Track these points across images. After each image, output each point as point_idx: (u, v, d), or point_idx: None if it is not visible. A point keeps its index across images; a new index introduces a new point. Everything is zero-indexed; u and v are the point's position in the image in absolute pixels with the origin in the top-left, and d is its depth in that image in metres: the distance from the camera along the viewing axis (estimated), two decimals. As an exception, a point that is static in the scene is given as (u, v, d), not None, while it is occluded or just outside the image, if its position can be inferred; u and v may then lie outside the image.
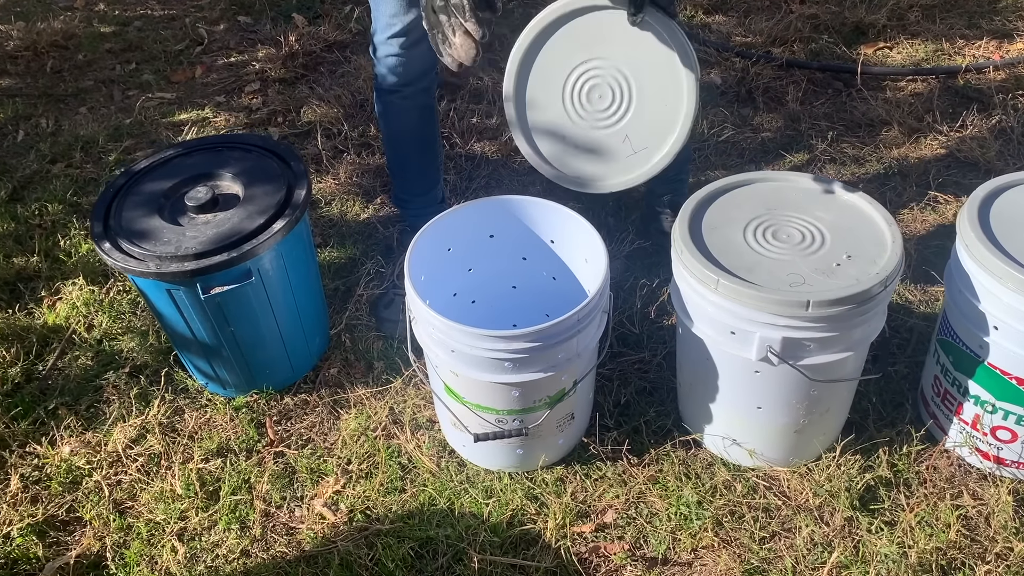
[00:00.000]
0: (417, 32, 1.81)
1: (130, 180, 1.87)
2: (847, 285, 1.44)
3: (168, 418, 1.94)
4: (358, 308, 2.15)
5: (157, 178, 1.87)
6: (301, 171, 1.85)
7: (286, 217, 1.75)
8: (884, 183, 2.37)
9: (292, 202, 1.79)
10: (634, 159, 1.73)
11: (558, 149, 1.74)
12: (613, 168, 1.74)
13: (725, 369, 1.60)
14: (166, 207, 1.81)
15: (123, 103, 3.05)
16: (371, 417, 1.90)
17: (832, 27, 2.99)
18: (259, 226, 1.73)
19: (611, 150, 1.72)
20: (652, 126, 1.69)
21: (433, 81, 1.97)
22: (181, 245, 1.70)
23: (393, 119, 1.99)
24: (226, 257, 1.67)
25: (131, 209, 1.80)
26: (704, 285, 1.50)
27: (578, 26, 1.64)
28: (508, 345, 1.49)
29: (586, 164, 1.74)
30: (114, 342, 2.13)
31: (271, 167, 1.87)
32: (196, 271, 1.66)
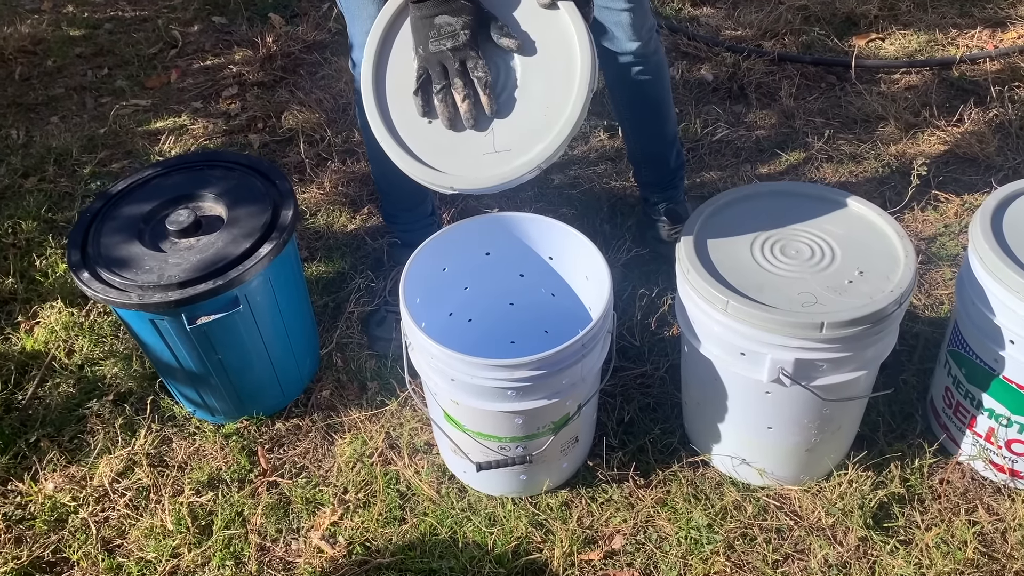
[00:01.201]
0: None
1: (107, 203, 1.79)
2: (861, 304, 1.39)
3: (155, 448, 1.87)
4: (349, 326, 2.08)
5: (135, 200, 1.79)
6: (287, 190, 1.78)
7: (273, 240, 1.68)
8: (883, 182, 2.32)
9: (279, 224, 1.71)
10: (491, 159, 1.42)
11: (409, 120, 1.47)
12: (464, 162, 1.43)
13: (734, 390, 1.55)
14: (146, 232, 1.73)
15: (96, 111, 2.95)
16: (367, 442, 1.84)
17: (823, 18, 2.93)
18: (245, 251, 1.66)
19: (469, 141, 1.43)
20: (524, 127, 1.42)
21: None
22: (164, 273, 1.63)
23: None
24: (212, 285, 1.60)
25: (110, 235, 1.72)
26: (712, 306, 1.45)
27: None
28: (511, 374, 1.44)
29: (435, 148, 1.45)
30: (96, 367, 2.05)
31: (255, 186, 1.79)
32: (181, 301, 1.59)
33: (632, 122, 2.02)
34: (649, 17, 1.80)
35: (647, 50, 1.81)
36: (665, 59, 1.92)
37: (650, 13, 1.81)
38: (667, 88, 1.93)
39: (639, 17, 1.75)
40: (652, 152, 2.02)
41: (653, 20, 1.83)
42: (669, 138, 2.00)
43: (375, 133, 1.49)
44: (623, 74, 1.89)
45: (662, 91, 1.90)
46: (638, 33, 1.77)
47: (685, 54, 2.84)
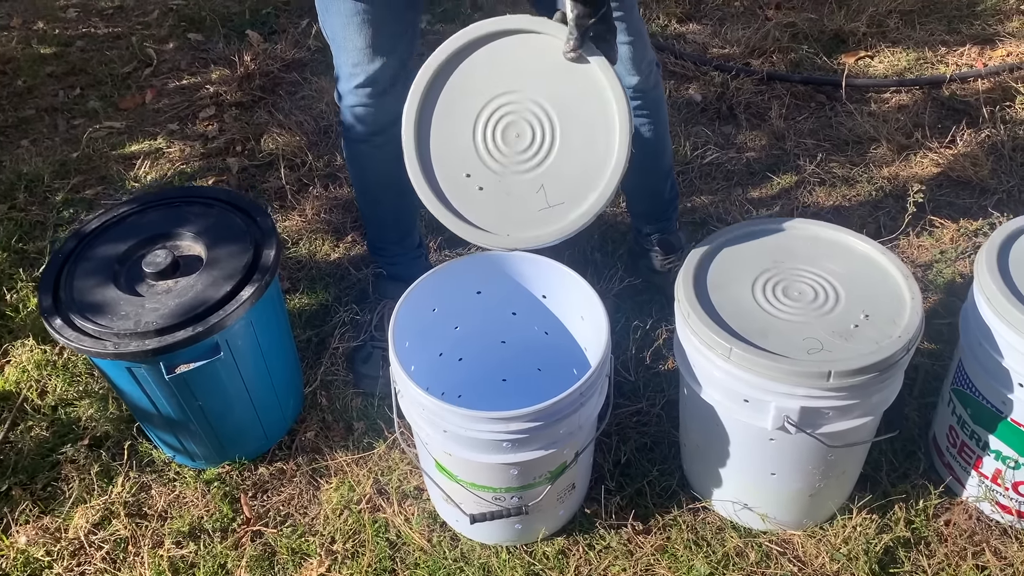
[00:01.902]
0: (385, 80, 1.68)
1: (81, 243, 1.71)
2: (868, 351, 1.35)
3: (134, 496, 1.80)
4: (334, 362, 2.01)
5: (110, 240, 1.72)
6: (269, 228, 1.71)
7: (255, 282, 1.61)
8: (877, 206, 2.28)
9: (261, 264, 1.65)
10: (547, 214, 1.48)
11: (460, 189, 1.50)
12: (521, 221, 1.49)
13: (736, 436, 1.50)
14: (122, 274, 1.66)
15: (68, 134, 2.86)
16: (354, 487, 1.77)
17: (811, 35, 2.90)
18: (226, 294, 1.59)
19: (522, 200, 1.48)
20: (574, 178, 1.46)
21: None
22: (140, 319, 1.56)
23: (364, 168, 1.85)
24: (191, 332, 1.53)
25: (83, 278, 1.65)
26: (714, 352, 1.40)
27: (499, 49, 1.43)
28: (506, 426, 1.38)
29: (490, 212, 1.49)
30: (71, 409, 1.97)
31: (235, 224, 1.72)
32: (159, 349, 1.52)
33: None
34: (649, 51, 1.75)
35: (646, 85, 1.76)
36: (664, 93, 1.87)
37: (650, 47, 1.76)
38: (665, 123, 1.88)
39: (639, 51, 1.70)
40: (646, 185, 1.97)
41: (653, 54, 1.78)
42: (664, 171, 1.95)
43: (425, 203, 1.52)
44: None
45: (660, 127, 1.85)
46: (637, 67, 1.72)
47: (673, 73, 2.80)
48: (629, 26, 1.68)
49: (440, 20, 3.19)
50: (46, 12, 3.54)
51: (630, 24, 1.68)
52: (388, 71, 1.67)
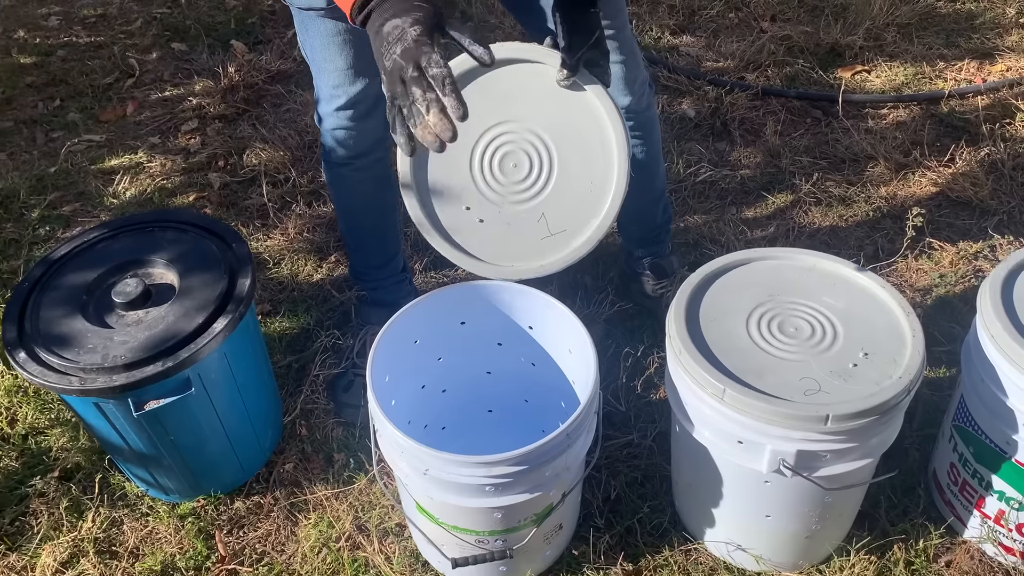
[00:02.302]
0: (367, 102, 1.61)
1: (48, 271, 1.64)
2: (868, 393, 1.29)
3: (104, 532, 1.73)
4: (314, 390, 1.95)
5: (79, 267, 1.65)
6: (244, 255, 1.65)
7: (229, 313, 1.55)
8: (875, 227, 2.23)
9: (235, 294, 1.58)
10: (549, 243, 1.46)
11: (461, 223, 1.47)
12: (523, 251, 1.46)
13: (730, 477, 1.44)
14: (90, 304, 1.59)
15: (47, 147, 2.79)
16: (333, 524, 1.71)
17: (807, 49, 2.84)
18: (198, 326, 1.52)
19: (523, 230, 1.46)
20: (574, 206, 1.44)
21: (387, 149, 1.77)
22: (108, 353, 1.49)
23: (345, 192, 1.79)
24: (161, 367, 1.47)
25: (50, 308, 1.58)
26: (707, 392, 1.34)
27: (492, 80, 1.39)
28: (489, 471, 1.31)
29: (492, 243, 1.47)
30: (42, 438, 1.90)
31: (210, 251, 1.66)
32: (127, 385, 1.45)
33: None
34: (641, 70, 1.69)
35: (639, 106, 1.70)
36: (657, 113, 1.81)
37: (643, 66, 1.70)
38: (658, 144, 1.81)
39: (631, 70, 1.64)
40: (637, 209, 1.90)
41: (646, 73, 1.72)
42: (656, 194, 1.89)
43: (428, 240, 1.48)
44: None
45: (652, 148, 1.79)
46: (629, 88, 1.66)
47: (666, 87, 2.74)
48: (621, 45, 1.62)
49: (429, 31, 3.12)
50: (27, 20, 3.47)
51: (622, 43, 1.62)
52: (370, 93, 1.61)
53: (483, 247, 1.48)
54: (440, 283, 2.18)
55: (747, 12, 3.09)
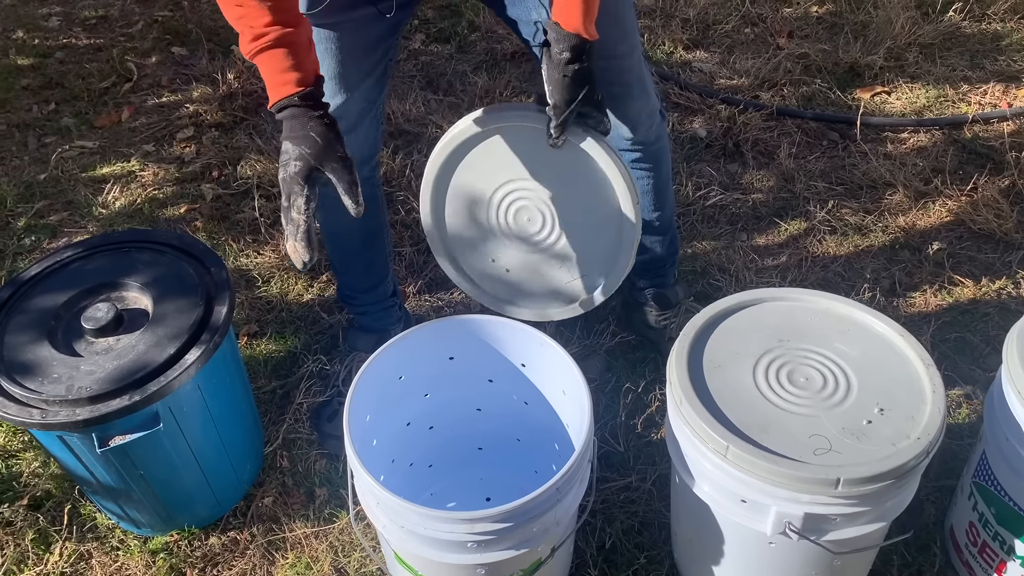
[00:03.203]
0: (351, 116, 1.52)
1: (16, 292, 1.56)
2: (883, 456, 1.18)
3: (71, 566, 1.64)
4: (297, 418, 1.86)
5: (50, 289, 1.57)
6: (223, 279, 1.56)
7: (203, 343, 1.46)
8: (892, 259, 2.12)
9: (211, 323, 1.49)
10: (576, 285, 1.56)
11: (491, 275, 1.59)
12: (552, 297, 1.57)
13: (732, 536, 1.34)
14: (59, 329, 1.51)
15: (38, 153, 2.71)
16: (311, 565, 1.61)
17: (825, 68, 2.74)
18: (169, 357, 1.43)
19: (549, 276, 1.56)
20: (593, 249, 1.51)
21: (375, 169, 1.68)
22: (74, 384, 1.40)
23: (329, 215, 1.70)
24: (127, 401, 1.38)
25: (16, 333, 1.49)
26: (709, 447, 1.24)
27: (496, 143, 1.43)
28: (471, 527, 1.22)
29: (523, 292, 1.58)
30: (12, 463, 1.82)
31: (187, 274, 1.57)
32: (90, 420, 1.37)
33: None
34: (651, 99, 1.59)
35: (647, 138, 1.60)
36: (668, 145, 1.70)
37: (654, 94, 1.60)
38: (667, 176, 1.72)
39: (639, 101, 1.55)
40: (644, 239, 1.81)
41: (656, 102, 1.62)
42: (662, 226, 1.79)
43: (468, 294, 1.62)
44: None
45: (660, 180, 1.69)
46: (636, 118, 1.57)
47: (676, 105, 2.64)
48: (628, 72, 1.52)
49: (435, 40, 3.04)
50: (27, 20, 3.40)
51: (629, 70, 1.52)
52: (352, 108, 1.52)
53: (515, 295, 1.59)
54: (434, 306, 2.09)
55: (763, 28, 2.99)
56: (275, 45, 1.22)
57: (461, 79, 2.83)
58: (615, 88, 1.52)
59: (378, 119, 1.61)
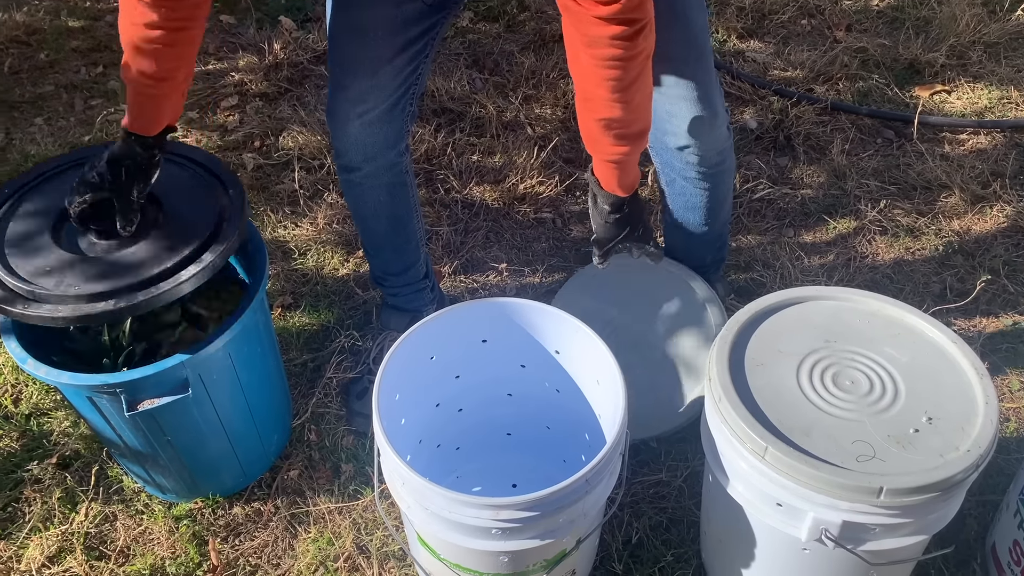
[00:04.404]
0: (377, 99, 1.49)
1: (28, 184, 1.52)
2: (929, 467, 1.13)
3: (96, 527, 1.65)
4: (327, 393, 1.84)
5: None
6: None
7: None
8: (944, 264, 2.05)
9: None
10: (662, 406, 1.70)
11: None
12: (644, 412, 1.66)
13: (764, 539, 1.30)
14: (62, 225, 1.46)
15: (84, 115, 2.72)
16: (333, 541, 1.60)
17: (883, 63, 2.65)
18: (167, 268, 1.39)
19: (642, 394, 1.67)
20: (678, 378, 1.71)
21: (402, 155, 1.62)
22: (63, 280, 1.37)
23: (357, 199, 1.67)
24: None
25: (21, 221, 1.46)
26: (746, 447, 1.19)
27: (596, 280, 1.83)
28: (496, 514, 1.19)
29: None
30: (44, 421, 1.83)
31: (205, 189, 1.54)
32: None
33: (672, 214, 1.76)
34: (719, 115, 1.52)
35: (703, 152, 1.56)
36: (732, 166, 1.66)
37: (721, 109, 1.53)
38: (723, 196, 1.68)
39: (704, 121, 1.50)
40: (689, 246, 1.78)
41: (721, 119, 1.54)
42: (711, 237, 1.74)
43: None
44: (670, 170, 1.65)
45: (713, 199, 1.65)
46: (700, 138, 1.53)
47: (728, 95, 2.57)
48: (688, 78, 1.46)
49: (484, 18, 3.00)
50: (80, -18, 3.41)
51: (690, 76, 1.46)
52: (378, 93, 1.49)
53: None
54: (469, 288, 2.06)
55: (821, 20, 2.90)
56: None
57: (508, 59, 2.79)
58: (676, 91, 1.46)
59: (407, 107, 1.56)
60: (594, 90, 1.19)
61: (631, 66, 1.15)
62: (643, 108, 1.24)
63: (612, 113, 1.21)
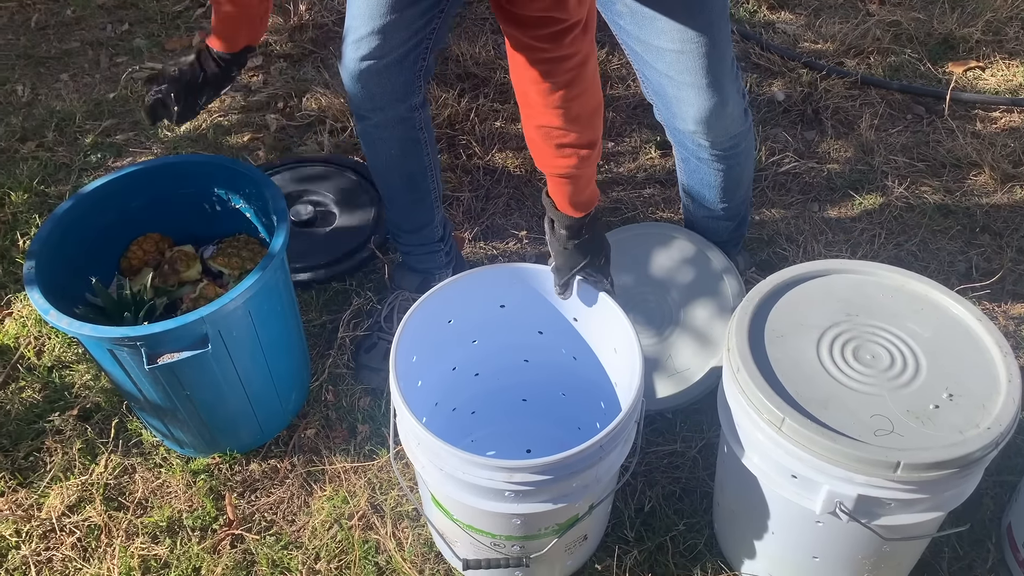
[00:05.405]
0: (384, 48, 1.48)
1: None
2: (948, 443, 1.12)
3: (115, 479, 1.67)
4: (344, 352, 1.85)
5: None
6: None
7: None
8: (971, 243, 2.02)
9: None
10: (678, 377, 1.68)
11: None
12: (660, 383, 1.68)
13: (778, 511, 1.29)
14: (115, 244, 1.51)
15: (109, 72, 2.72)
16: (348, 500, 1.62)
17: (916, 38, 2.60)
18: (222, 279, 1.42)
19: (658, 365, 1.70)
20: (693, 349, 1.71)
21: (415, 110, 1.60)
22: (126, 299, 1.40)
23: (370, 149, 1.66)
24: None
25: (74, 243, 1.50)
26: (763, 418, 1.19)
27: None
28: (509, 476, 1.19)
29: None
30: (66, 373, 1.85)
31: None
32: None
33: (687, 191, 1.75)
34: (728, 104, 1.49)
35: (718, 140, 1.54)
36: (749, 150, 1.63)
37: (734, 99, 1.50)
38: (737, 179, 1.65)
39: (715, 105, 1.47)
40: (704, 222, 1.76)
41: (737, 106, 1.52)
42: (727, 216, 1.73)
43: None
44: (683, 149, 1.63)
45: (728, 180, 1.63)
46: (712, 127, 1.51)
47: (756, 66, 2.54)
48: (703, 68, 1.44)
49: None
50: (107, -61, 3.40)
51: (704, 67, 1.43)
52: (390, 39, 1.47)
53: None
54: (488, 255, 2.06)
55: (854, -8, 2.84)
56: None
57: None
58: (684, 77, 1.44)
59: (419, 62, 1.53)
60: (527, 92, 1.18)
61: (559, 68, 1.14)
62: (583, 121, 1.21)
63: (548, 120, 1.19)
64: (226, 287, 1.61)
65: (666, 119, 1.58)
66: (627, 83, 2.49)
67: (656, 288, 1.78)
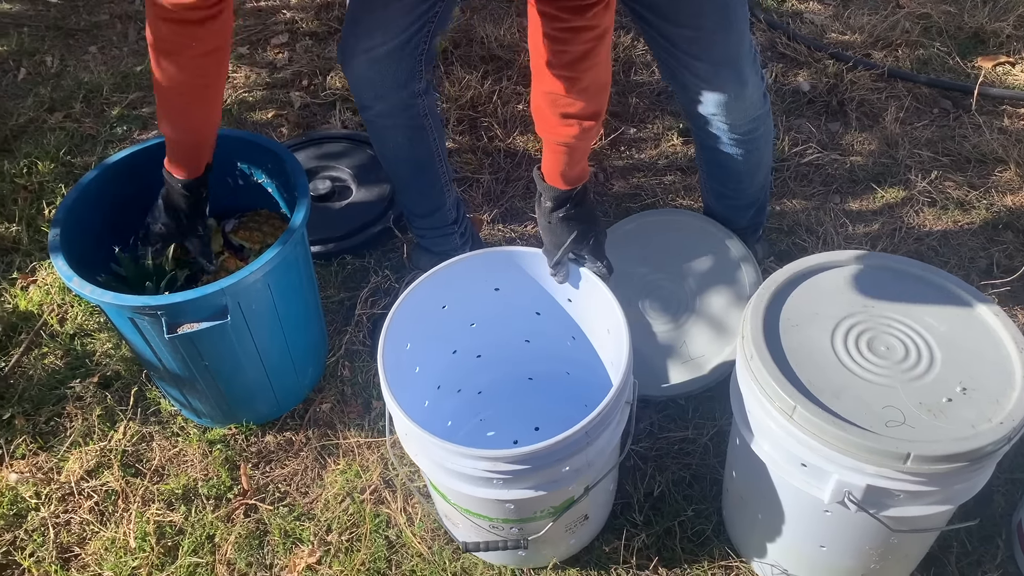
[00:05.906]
0: (385, 35, 1.47)
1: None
2: (960, 436, 1.12)
3: (133, 446, 1.70)
4: (361, 330, 1.87)
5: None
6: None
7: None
8: (993, 240, 2.00)
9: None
10: (691, 364, 1.69)
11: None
12: (673, 369, 1.69)
13: (787, 499, 1.30)
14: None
15: (136, 45, 2.75)
16: (360, 474, 1.64)
17: (946, 31, 2.57)
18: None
19: (672, 352, 1.71)
20: (708, 337, 1.71)
21: (419, 97, 1.58)
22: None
23: (376, 139, 1.66)
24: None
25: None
26: (775, 406, 1.19)
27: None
28: (492, 466, 1.20)
29: (650, 365, 1.69)
30: (87, 341, 1.89)
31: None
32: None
33: (706, 176, 1.74)
34: (747, 88, 1.48)
35: (735, 124, 1.53)
36: (767, 134, 1.62)
37: (753, 83, 1.49)
38: (754, 165, 1.64)
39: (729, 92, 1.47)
40: (723, 209, 1.76)
41: (756, 89, 1.51)
42: (746, 201, 1.72)
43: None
44: (702, 133, 1.62)
45: (747, 166, 1.62)
46: (729, 113, 1.51)
47: (782, 56, 2.52)
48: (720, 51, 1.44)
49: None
50: (137, -87, 3.42)
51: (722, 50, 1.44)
52: (387, 33, 1.47)
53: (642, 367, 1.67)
54: (507, 237, 2.07)
55: (885, -17, 2.81)
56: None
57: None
58: (699, 64, 1.44)
59: (420, 47, 1.52)
60: (541, 57, 1.18)
61: (577, 39, 1.14)
62: (591, 92, 1.21)
63: (558, 88, 1.19)
64: (247, 260, 1.63)
65: (685, 103, 1.58)
66: (651, 69, 2.48)
67: (673, 275, 1.78)
